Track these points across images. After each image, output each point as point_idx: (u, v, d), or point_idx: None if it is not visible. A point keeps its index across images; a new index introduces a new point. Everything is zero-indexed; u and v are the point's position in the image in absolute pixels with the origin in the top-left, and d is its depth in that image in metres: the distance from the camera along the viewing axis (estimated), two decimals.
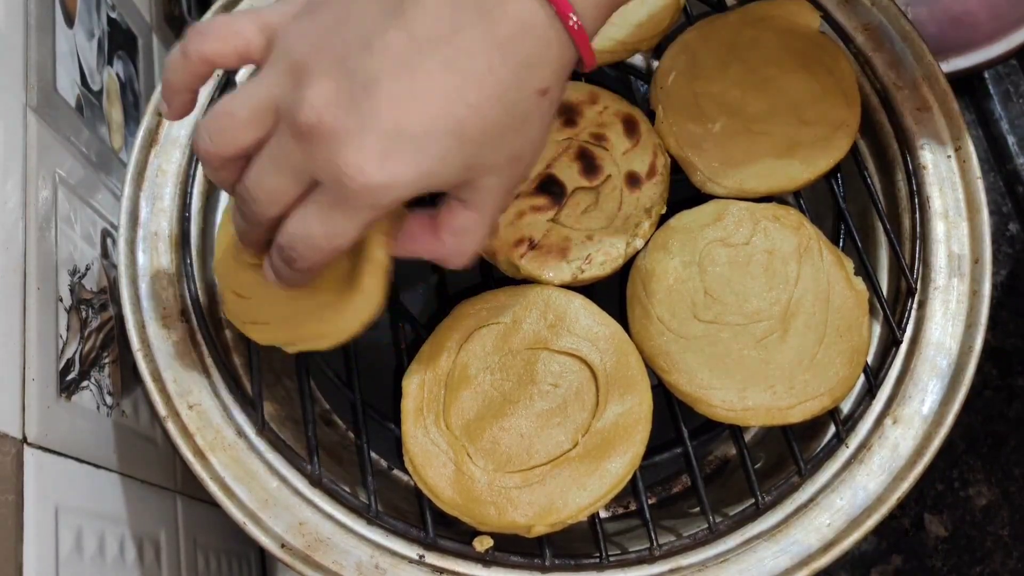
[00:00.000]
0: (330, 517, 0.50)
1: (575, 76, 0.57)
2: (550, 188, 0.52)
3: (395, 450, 0.59)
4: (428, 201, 0.44)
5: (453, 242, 0.40)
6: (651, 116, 0.57)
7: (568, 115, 0.55)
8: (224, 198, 0.60)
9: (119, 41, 0.65)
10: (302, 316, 0.46)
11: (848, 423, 0.52)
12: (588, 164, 0.53)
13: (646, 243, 0.53)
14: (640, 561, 0.49)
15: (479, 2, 0.35)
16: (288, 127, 0.36)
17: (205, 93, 0.59)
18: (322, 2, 0.38)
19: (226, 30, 0.39)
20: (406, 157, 0.35)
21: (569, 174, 0.53)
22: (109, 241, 0.59)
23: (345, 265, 0.44)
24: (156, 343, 0.52)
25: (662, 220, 0.54)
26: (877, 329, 0.56)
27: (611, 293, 0.53)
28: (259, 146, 0.38)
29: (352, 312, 0.45)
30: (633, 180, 0.53)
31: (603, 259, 0.52)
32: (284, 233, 0.39)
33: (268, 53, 0.38)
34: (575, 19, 0.37)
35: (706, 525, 0.49)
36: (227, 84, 0.59)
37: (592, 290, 0.52)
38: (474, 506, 0.46)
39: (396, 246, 0.42)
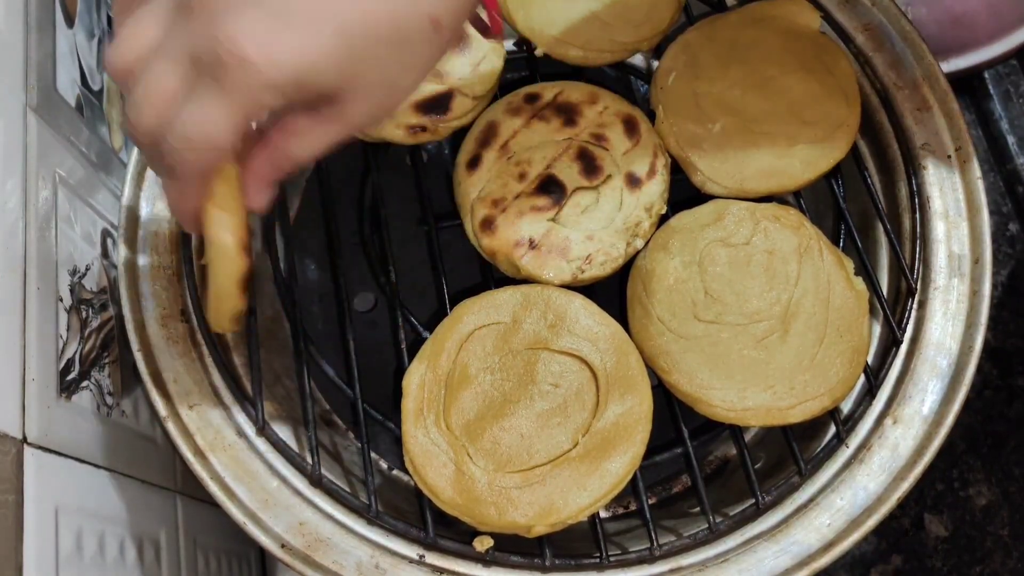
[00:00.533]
0: (330, 517, 0.50)
1: (573, 70, 0.58)
2: (550, 188, 0.52)
3: (395, 450, 0.59)
4: None
5: (285, 143, 0.38)
6: (651, 116, 0.57)
7: (568, 115, 0.55)
8: None
9: None
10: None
11: (848, 423, 0.52)
12: (588, 164, 0.53)
13: (646, 243, 0.53)
14: (640, 561, 0.49)
15: None
16: (178, 14, 0.35)
17: None
18: None
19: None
20: (289, 39, 0.34)
21: (569, 174, 0.53)
22: (109, 241, 0.59)
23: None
24: (156, 343, 0.52)
25: (662, 220, 0.54)
26: (877, 329, 0.56)
27: (611, 293, 0.53)
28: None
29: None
30: (633, 180, 0.53)
31: (603, 259, 0.52)
32: (175, 122, 0.36)
33: None
34: None
35: (706, 525, 0.49)
36: None
37: (592, 290, 0.52)
38: (474, 506, 0.46)
39: (248, 190, 0.39)
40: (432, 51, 0.37)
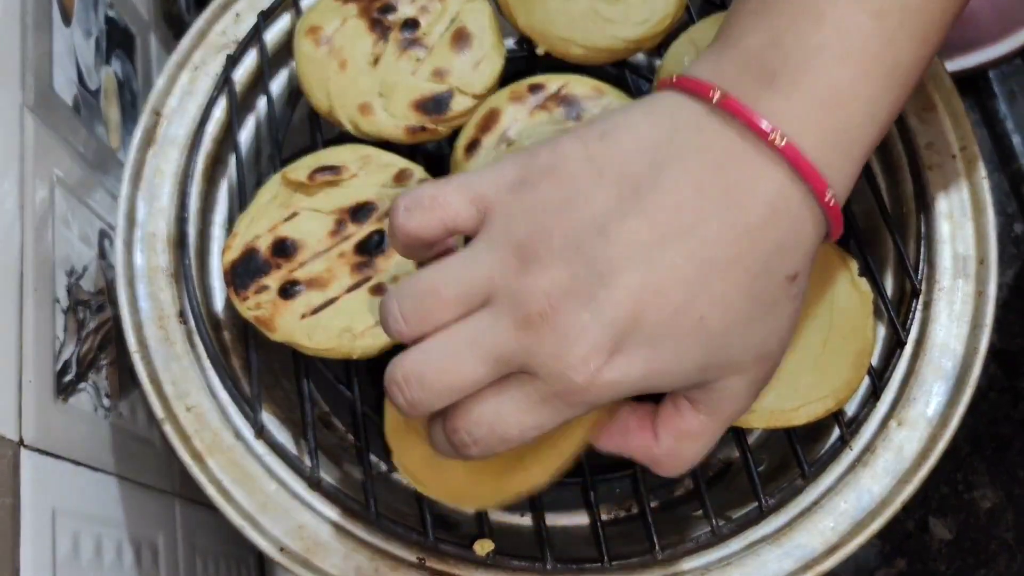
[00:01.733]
0: (329, 520, 0.49)
1: (575, 69, 0.57)
2: None
3: None
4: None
5: (672, 446, 0.36)
6: None
7: (571, 108, 0.54)
8: (224, 199, 0.60)
9: (117, 40, 0.64)
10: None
11: (852, 426, 0.52)
12: None
13: None
14: (642, 565, 0.49)
15: (726, 187, 0.33)
16: (508, 313, 0.33)
17: (203, 92, 0.59)
18: (540, 176, 0.35)
19: (435, 204, 0.35)
20: (639, 353, 0.32)
21: None
22: (106, 242, 0.59)
23: None
24: (154, 345, 0.52)
25: None
26: (881, 331, 0.55)
27: None
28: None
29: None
30: None
31: None
32: (464, 416, 0.34)
33: (480, 227, 0.35)
34: (831, 195, 0.34)
35: (709, 528, 0.49)
36: (225, 83, 0.58)
37: None
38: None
39: (603, 438, 0.38)
40: (794, 304, 0.35)
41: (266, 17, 0.60)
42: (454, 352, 0.34)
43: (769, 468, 0.56)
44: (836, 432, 0.52)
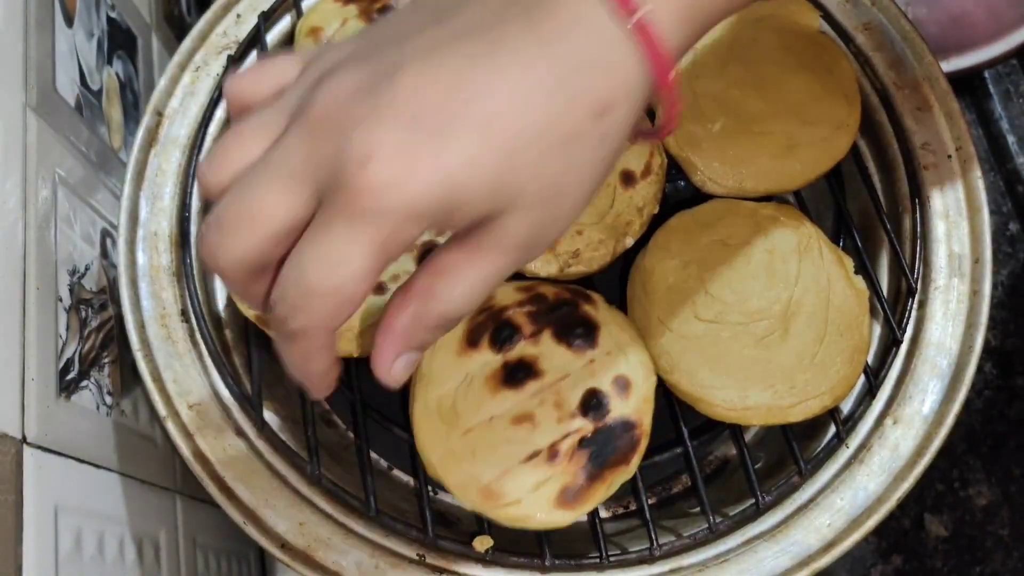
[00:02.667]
0: (330, 517, 0.50)
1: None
2: None
3: (395, 450, 0.59)
4: None
5: (427, 284, 0.31)
6: (651, 116, 0.56)
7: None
8: None
9: (119, 41, 0.65)
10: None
11: (848, 423, 0.52)
12: None
13: (644, 243, 0.53)
14: (640, 561, 0.49)
15: (527, 6, 0.29)
16: (299, 126, 0.30)
17: (205, 92, 0.59)
18: (375, 28, 0.32)
19: (263, 66, 0.33)
20: (426, 150, 0.28)
21: None
22: (109, 241, 0.59)
23: None
24: (156, 343, 0.52)
25: (654, 220, 0.54)
26: (877, 329, 0.56)
27: (611, 292, 0.53)
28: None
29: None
30: (628, 178, 0.53)
31: (591, 255, 0.52)
32: (276, 285, 0.30)
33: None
34: (641, 15, 0.29)
35: (706, 525, 0.49)
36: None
37: (590, 283, 0.52)
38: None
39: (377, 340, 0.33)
40: (600, 147, 0.30)
41: (267, 18, 0.60)
42: (256, 181, 0.30)
43: (766, 465, 0.57)
44: (832, 430, 0.52)
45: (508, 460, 0.46)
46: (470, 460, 0.46)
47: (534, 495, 0.46)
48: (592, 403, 0.47)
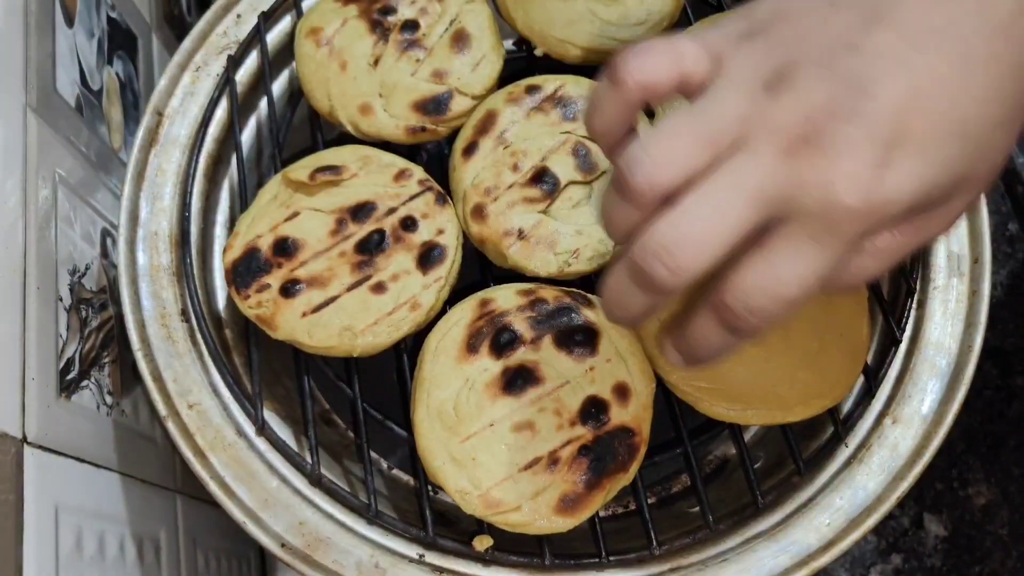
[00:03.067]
0: (330, 516, 0.50)
1: (572, 70, 0.58)
2: (543, 180, 0.53)
3: (395, 449, 0.59)
4: None
5: (862, 263, 0.33)
6: (650, 116, 0.57)
7: (568, 109, 0.55)
8: (225, 198, 0.60)
9: (119, 41, 0.65)
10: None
11: (848, 423, 0.52)
12: (584, 159, 0.53)
13: None
14: (640, 561, 0.49)
15: None
16: (767, 146, 0.31)
17: (205, 93, 0.59)
18: (769, 22, 0.33)
19: (670, 49, 0.33)
20: (910, 166, 0.30)
21: (564, 168, 0.53)
22: (109, 241, 0.59)
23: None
24: (156, 342, 0.52)
25: None
26: (876, 329, 0.56)
27: None
28: (693, 180, 0.32)
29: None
30: None
31: (591, 254, 0.52)
32: (735, 287, 0.32)
33: (713, 75, 0.33)
34: None
35: (706, 525, 0.49)
36: (226, 84, 0.59)
37: (590, 283, 0.53)
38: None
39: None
40: (1021, 114, 0.33)
41: (267, 18, 0.61)
42: (716, 200, 0.31)
43: (765, 465, 0.57)
44: (831, 429, 0.52)
45: (508, 467, 0.46)
46: (471, 466, 0.46)
47: (534, 502, 0.46)
48: (592, 411, 0.47)
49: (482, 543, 0.48)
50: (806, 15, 0.33)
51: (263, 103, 0.61)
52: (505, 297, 0.50)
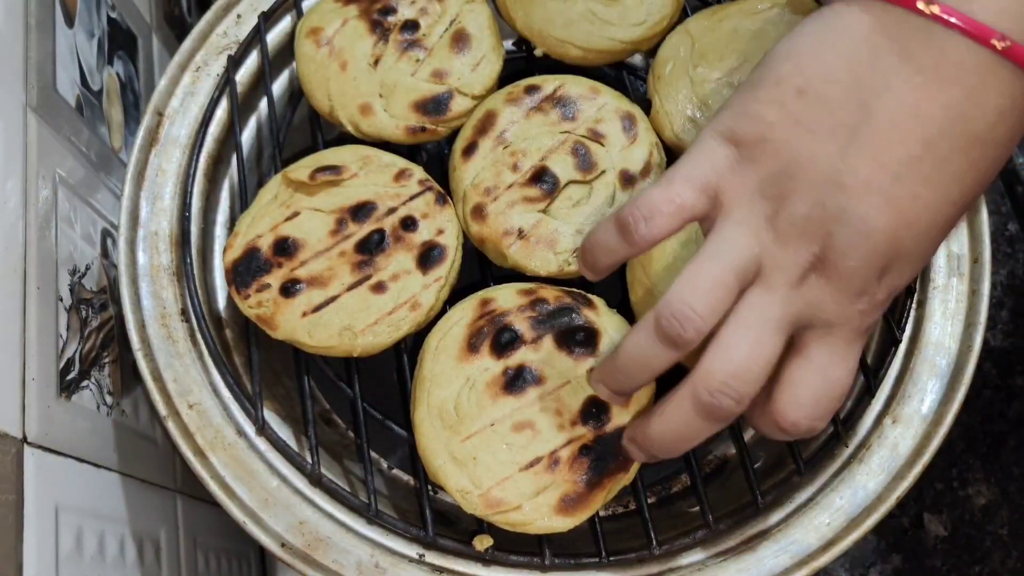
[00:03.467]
0: (330, 516, 0.50)
1: (572, 70, 0.58)
2: (543, 180, 0.53)
3: (395, 449, 0.59)
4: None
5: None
6: (647, 108, 0.57)
7: (567, 109, 0.55)
8: (225, 198, 0.60)
9: (119, 41, 0.65)
10: None
11: (847, 422, 0.52)
12: (583, 159, 0.53)
13: None
14: (640, 560, 0.49)
15: (946, 105, 0.34)
16: (783, 282, 0.37)
17: (205, 93, 0.59)
18: (753, 149, 0.38)
19: (672, 206, 0.39)
20: (901, 270, 0.36)
21: (563, 167, 0.53)
22: (109, 241, 0.59)
23: None
24: (156, 342, 0.52)
25: None
26: (876, 329, 0.56)
27: (611, 292, 0.53)
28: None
29: None
30: (627, 177, 0.53)
31: None
32: (792, 399, 0.38)
33: (714, 211, 0.39)
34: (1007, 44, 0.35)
35: (705, 524, 0.49)
36: (226, 84, 0.59)
37: (590, 282, 0.53)
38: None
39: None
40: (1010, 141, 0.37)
41: (267, 18, 0.61)
42: (753, 332, 0.37)
43: (765, 465, 0.57)
44: (831, 429, 0.52)
45: (509, 467, 0.46)
46: (471, 466, 0.46)
47: (534, 502, 0.46)
48: (592, 411, 0.47)
49: (482, 543, 0.48)
50: (789, 146, 0.37)
51: (263, 103, 0.61)
52: (506, 297, 0.50)
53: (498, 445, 0.47)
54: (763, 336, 0.37)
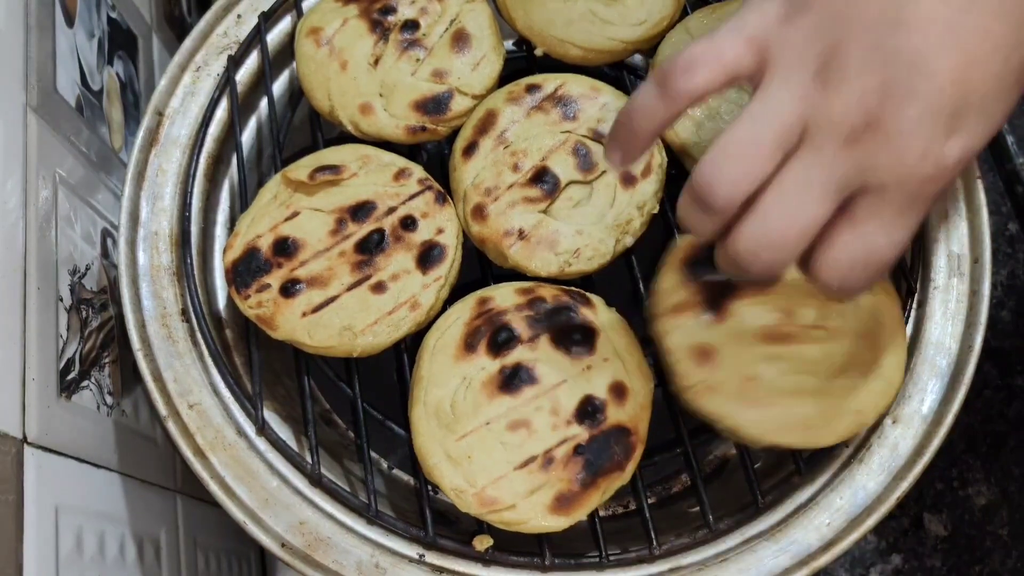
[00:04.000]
0: (330, 516, 0.50)
1: (572, 69, 0.58)
2: (544, 180, 0.53)
3: (395, 449, 0.59)
4: None
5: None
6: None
7: (568, 108, 0.55)
8: (225, 198, 0.60)
9: (119, 41, 0.65)
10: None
11: None
12: (584, 159, 0.53)
13: (645, 241, 0.53)
14: (640, 560, 0.49)
15: None
16: (831, 139, 0.33)
17: (205, 93, 0.59)
18: (804, 1, 0.34)
19: (713, 57, 0.35)
20: (975, 127, 0.32)
21: (564, 167, 0.53)
22: (109, 241, 0.59)
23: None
24: (156, 343, 0.52)
25: (654, 219, 0.54)
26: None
27: (611, 291, 0.53)
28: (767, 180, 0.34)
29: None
30: (628, 177, 0.53)
31: (591, 254, 0.52)
32: (834, 261, 0.34)
33: (762, 68, 0.35)
34: None
35: (706, 525, 0.49)
36: (226, 84, 0.59)
37: (590, 282, 0.53)
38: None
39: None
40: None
41: (267, 19, 0.61)
42: (793, 200, 0.33)
43: (765, 465, 0.57)
44: None
45: (504, 466, 0.46)
46: (467, 464, 0.46)
47: (529, 501, 0.46)
48: (588, 410, 0.47)
49: (482, 543, 0.48)
50: None
51: (263, 103, 0.61)
52: (504, 295, 0.50)
53: (493, 444, 0.47)
54: (803, 202, 0.33)
